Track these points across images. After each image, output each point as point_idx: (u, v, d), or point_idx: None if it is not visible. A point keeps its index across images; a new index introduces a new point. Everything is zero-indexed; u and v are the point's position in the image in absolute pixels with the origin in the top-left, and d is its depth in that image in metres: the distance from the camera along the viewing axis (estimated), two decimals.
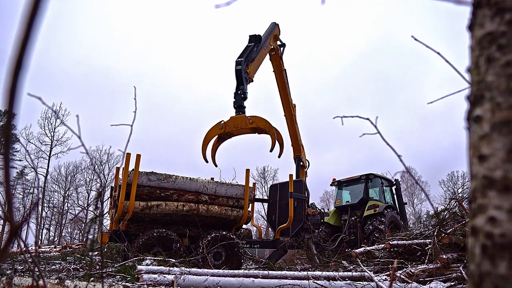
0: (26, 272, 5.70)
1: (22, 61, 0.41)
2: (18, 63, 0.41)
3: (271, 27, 10.63)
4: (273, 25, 10.74)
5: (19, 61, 0.41)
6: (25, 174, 33.01)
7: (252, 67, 9.43)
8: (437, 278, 4.66)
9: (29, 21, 0.40)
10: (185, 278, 3.98)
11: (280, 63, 11.04)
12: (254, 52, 9.53)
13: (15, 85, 0.42)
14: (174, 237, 6.78)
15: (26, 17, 0.41)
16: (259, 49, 9.65)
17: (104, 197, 11.18)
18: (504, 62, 0.59)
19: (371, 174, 11.82)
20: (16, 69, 0.41)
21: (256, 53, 9.52)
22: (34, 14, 0.40)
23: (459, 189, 34.92)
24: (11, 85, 0.42)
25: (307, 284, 4.10)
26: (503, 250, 0.53)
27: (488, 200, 0.56)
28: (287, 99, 11.26)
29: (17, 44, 0.41)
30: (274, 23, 10.80)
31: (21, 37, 0.40)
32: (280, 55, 11.03)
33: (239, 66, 8.98)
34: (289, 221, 8.29)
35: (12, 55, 0.41)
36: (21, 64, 0.41)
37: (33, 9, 0.41)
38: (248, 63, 9.23)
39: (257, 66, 9.78)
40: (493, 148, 0.57)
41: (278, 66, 11.05)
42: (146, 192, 6.91)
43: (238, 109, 9.07)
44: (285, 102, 11.28)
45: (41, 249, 13.42)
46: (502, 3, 0.61)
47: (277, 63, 11.03)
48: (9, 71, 0.41)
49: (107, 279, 4.97)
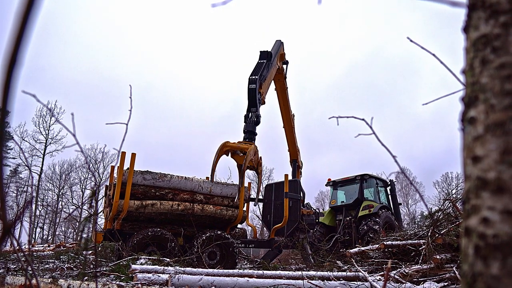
0: (19, 271, 5.66)
1: (16, 58, 0.40)
2: (12, 59, 0.40)
3: (278, 45, 10.00)
4: (279, 43, 10.15)
5: (13, 57, 0.40)
6: (19, 172, 32.76)
7: (264, 87, 8.64)
8: (430, 278, 4.68)
9: (23, 17, 0.40)
10: (180, 277, 3.97)
11: (284, 83, 10.57)
12: (265, 71, 8.73)
13: (9, 82, 0.41)
14: (169, 236, 6.76)
15: (21, 12, 0.40)
16: (270, 68, 8.95)
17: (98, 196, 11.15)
18: (498, 64, 0.60)
19: (366, 174, 11.87)
20: (10, 66, 0.41)
21: (267, 71, 8.81)
22: (29, 9, 0.40)
23: (453, 190, 35.12)
24: (4, 82, 0.41)
25: (302, 284, 4.11)
26: (496, 250, 0.53)
27: (482, 201, 0.57)
28: (288, 115, 10.97)
29: (11, 40, 0.40)
30: (280, 41, 10.25)
31: (15, 32, 0.40)
32: (284, 75, 10.52)
33: (253, 85, 8.01)
34: (284, 221, 8.30)
35: (6, 51, 0.41)
36: (15, 60, 0.41)
37: (27, 5, 0.40)
38: (261, 83, 8.39)
39: (268, 86, 9.08)
40: (487, 150, 0.57)
41: (282, 87, 10.59)
42: (141, 191, 6.89)
43: (247, 134, 7.93)
44: (286, 117, 11.00)
45: (35, 248, 13.32)
46: (497, 6, 0.62)
47: (281, 83, 10.53)
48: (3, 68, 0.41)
49: (101, 278, 4.95)
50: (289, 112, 10.93)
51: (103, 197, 8.01)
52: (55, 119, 31.13)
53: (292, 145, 11.38)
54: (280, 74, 10.33)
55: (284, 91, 10.64)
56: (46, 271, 6.25)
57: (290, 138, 11.30)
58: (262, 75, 8.50)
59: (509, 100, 0.57)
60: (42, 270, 6.33)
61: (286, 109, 10.83)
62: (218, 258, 7.23)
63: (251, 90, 7.99)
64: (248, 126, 7.97)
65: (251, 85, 8.04)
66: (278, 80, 10.41)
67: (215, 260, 7.17)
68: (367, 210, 10.68)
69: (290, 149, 11.51)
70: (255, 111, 8.01)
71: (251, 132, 7.92)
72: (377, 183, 11.96)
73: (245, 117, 8.08)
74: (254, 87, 7.97)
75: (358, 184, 11.76)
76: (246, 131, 7.98)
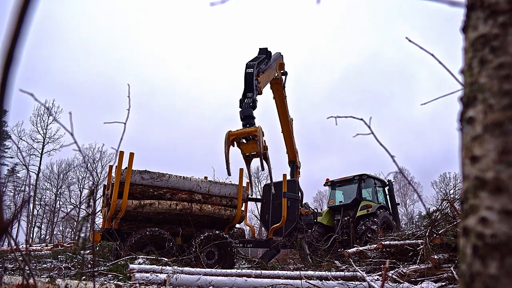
0: (16, 271, 5.64)
1: (13, 56, 0.40)
2: (8, 57, 0.40)
3: (277, 55, 9.95)
4: (278, 54, 10.11)
5: (9, 55, 0.40)
6: (16, 171, 32.72)
7: (263, 78, 8.33)
8: (428, 278, 4.70)
9: (20, 14, 0.40)
10: (178, 277, 3.96)
11: (283, 92, 10.49)
12: (264, 65, 8.58)
13: (5, 81, 0.41)
14: (167, 236, 6.75)
15: (17, 9, 0.40)
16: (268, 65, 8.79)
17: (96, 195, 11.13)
18: (496, 64, 0.60)
19: (364, 174, 11.88)
20: (6, 64, 0.40)
21: (266, 66, 8.66)
22: (25, 7, 0.40)
23: (451, 190, 35.22)
24: (1, 81, 0.41)
25: (300, 284, 4.11)
26: (494, 250, 0.53)
27: (480, 201, 0.57)
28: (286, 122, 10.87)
29: (7, 37, 0.40)
30: (279, 53, 10.20)
31: (12, 30, 0.40)
32: (283, 85, 10.44)
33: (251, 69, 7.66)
34: (282, 221, 8.30)
35: (2, 49, 0.40)
36: (12, 58, 0.40)
37: (24, 2, 0.40)
38: (259, 72, 8.16)
39: (266, 81, 8.84)
40: (485, 150, 0.58)
41: (280, 96, 10.50)
42: (139, 190, 6.88)
43: (246, 120, 7.45)
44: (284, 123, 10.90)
45: (32, 247, 13.29)
46: (496, 6, 0.62)
47: (279, 93, 10.44)
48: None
49: (99, 278, 4.94)
50: (288, 118, 10.83)
51: (101, 196, 7.98)
52: (53, 118, 31.07)
53: (291, 149, 11.36)
54: (278, 84, 10.26)
55: (283, 100, 10.58)
56: (43, 271, 6.23)
57: (288, 142, 11.27)
58: (261, 67, 8.23)
59: (507, 100, 0.57)
60: (39, 270, 6.32)
61: (284, 116, 10.74)
62: (216, 258, 7.23)
63: (248, 74, 7.59)
64: (245, 111, 7.37)
65: (249, 69, 7.65)
66: (276, 90, 10.35)
67: (213, 260, 7.17)
68: (365, 210, 10.70)
69: (288, 152, 11.50)
70: (252, 96, 7.49)
71: (249, 117, 7.38)
72: (375, 183, 11.98)
73: (240, 102, 7.51)
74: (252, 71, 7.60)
75: (356, 184, 11.78)
76: (244, 117, 7.41)
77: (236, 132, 7.33)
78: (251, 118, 7.41)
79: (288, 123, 10.85)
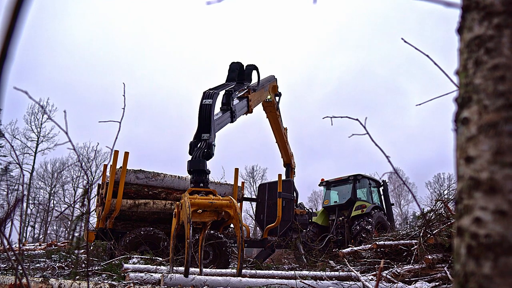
0: (9, 270, 5.59)
1: (6, 53, 0.40)
2: (2, 54, 0.40)
3: (270, 77, 9.46)
4: (272, 76, 9.67)
5: (3, 52, 0.39)
6: (9, 170, 32.44)
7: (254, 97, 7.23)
8: (422, 278, 4.72)
9: (14, 10, 0.39)
10: (172, 276, 3.95)
11: (276, 113, 10.19)
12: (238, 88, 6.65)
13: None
14: (162, 235, 6.73)
15: (12, 6, 0.40)
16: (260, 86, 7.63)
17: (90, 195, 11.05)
18: (491, 65, 0.60)
19: (359, 174, 11.93)
20: (0, 61, 0.40)
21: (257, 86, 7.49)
22: (19, 3, 0.39)
23: (445, 190, 35.45)
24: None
25: (294, 284, 4.11)
26: (488, 250, 0.53)
27: (474, 201, 0.57)
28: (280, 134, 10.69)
29: (1, 34, 0.40)
30: (272, 76, 9.80)
31: (5, 27, 0.39)
32: (277, 106, 10.12)
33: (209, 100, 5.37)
34: (277, 221, 8.30)
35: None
36: (5, 55, 0.40)
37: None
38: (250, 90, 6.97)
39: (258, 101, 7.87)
40: (479, 150, 0.58)
41: (274, 117, 10.21)
42: (134, 190, 6.85)
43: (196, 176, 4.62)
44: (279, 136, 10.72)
45: (25, 246, 13.19)
46: (491, 7, 0.62)
47: (273, 114, 10.10)
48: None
49: (93, 278, 4.91)
50: (282, 131, 10.65)
51: (95, 195, 7.94)
52: (48, 117, 30.82)
53: (286, 154, 11.29)
54: (271, 106, 9.93)
55: (276, 119, 10.34)
56: (37, 270, 6.19)
57: (283, 150, 11.17)
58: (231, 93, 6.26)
59: (502, 101, 0.57)
60: (33, 269, 6.27)
61: (278, 130, 10.50)
62: (211, 258, 7.21)
63: (205, 106, 5.29)
64: (195, 163, 4.69)
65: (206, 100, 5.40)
66: (270, 111, 10.06)
67: (208, 260, 7.15)
68: (359, 210, 10.74)
69: (283, 157, 11.46)
70: (207, 138, 5.04)
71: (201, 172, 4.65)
72: (370, 184, 12.03)
73: (190, 146, 5.01)
74: (210, 103, 5.36)
75: (351, 184, 11.81)
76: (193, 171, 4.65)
77: (200, 202, 4.24)
78: (204, 174, 4.69)
79: (283, 134, 10.71)
